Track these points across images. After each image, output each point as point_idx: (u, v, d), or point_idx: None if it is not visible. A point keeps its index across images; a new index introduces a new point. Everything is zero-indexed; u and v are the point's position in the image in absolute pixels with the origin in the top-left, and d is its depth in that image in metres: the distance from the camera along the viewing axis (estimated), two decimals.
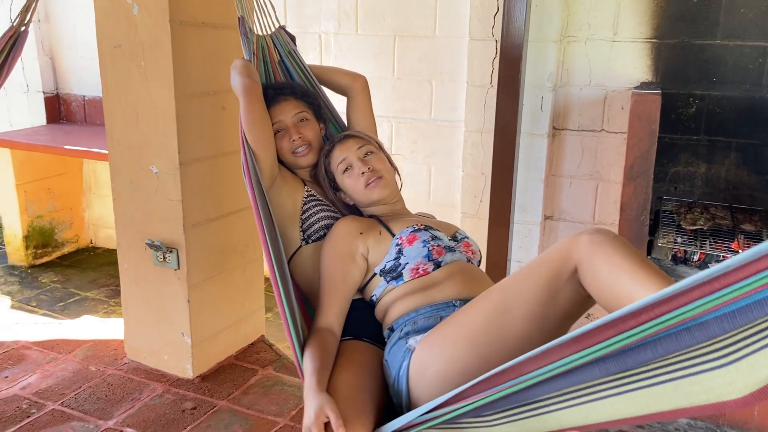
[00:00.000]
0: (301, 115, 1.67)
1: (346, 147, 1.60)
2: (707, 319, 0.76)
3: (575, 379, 0.89)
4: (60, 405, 2.13)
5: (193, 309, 2.22)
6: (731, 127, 2.35)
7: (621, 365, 0.85)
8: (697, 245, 2.20)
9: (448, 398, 1.03)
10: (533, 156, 2.57)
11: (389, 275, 1.45)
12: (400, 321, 1.39)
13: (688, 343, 0.79)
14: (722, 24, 2.29)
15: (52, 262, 3.44)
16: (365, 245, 1.48)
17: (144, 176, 2.16)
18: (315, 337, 1.37)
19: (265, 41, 1.77)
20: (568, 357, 0.87)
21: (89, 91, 3.45)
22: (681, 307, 0.76)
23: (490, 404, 0.99)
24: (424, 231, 1.49)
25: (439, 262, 1.44)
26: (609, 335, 0.82)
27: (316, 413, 1.17)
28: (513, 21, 2.29)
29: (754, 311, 0.72)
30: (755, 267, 0.69)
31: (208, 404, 2.14)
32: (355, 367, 1.36)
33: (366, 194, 1.57)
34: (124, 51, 2.08)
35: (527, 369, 0.92)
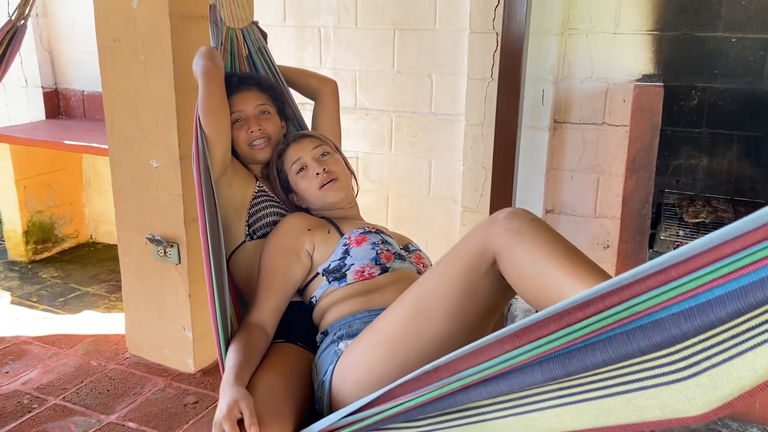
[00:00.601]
0: (263, 107, 1.60)
1: (301, 147, 1.53)
2: (662, 316, 0.66)
3: (516, 383, 0.80)
4: (61, 400, 2.13)
5: (194, 303, 2.22)
6: (733, 119, 2.34)
7: (565, 368, 0.75)
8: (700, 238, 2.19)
9: (376, 397, 0.95)
10: (534, 149, 2.56)
11: (332, 275, 1.37)
12: (336, 325, 1.32)
13: (642, 345, 0.68)
14: (724, 16, 2.28)
15: (53, 257, 3.44)
16: (312, 242, 1.41)
17: (144, 170, 2.16)
18: (244, 332, 1.30)
19: (235, 34, 1.71)
20: (508, 353, 0.78)
21: (88, 85, 3.43)
22: (633, 298, 0.67)
23: (422, 407, 0.89)
24: (374, 234, 1.43)
25: (387, 267, 1.37)
26: (553, 329, 0.73)
27: (228, 407, 1.08)
28: (514, 13, 2.28)
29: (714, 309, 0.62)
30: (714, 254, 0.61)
31: (209, 398, 2.14)
32: (282, 369, 1.28)
33: (320, 196, 1.50)
34: (123, 45, 2.08)
35: (463, 366, 0.83)
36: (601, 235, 2.60)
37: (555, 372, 0.76)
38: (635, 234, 2.16)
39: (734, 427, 2.02)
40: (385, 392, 0.93)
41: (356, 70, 2.84)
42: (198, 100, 1.47)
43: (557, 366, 0.75)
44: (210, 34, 1.63)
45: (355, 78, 2.85)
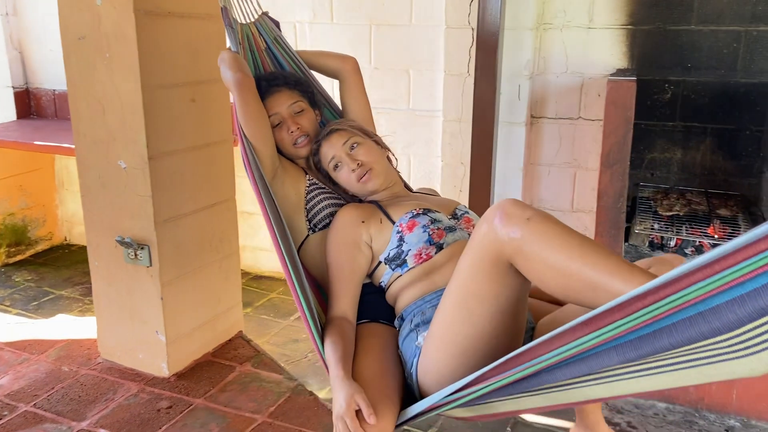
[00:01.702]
0: (297, 105, 1.65)
1: (331, 144, 1.59)
2: (718, 303, 0.76)
3: (595, 366, 0.91)
4: (32, 407, 2.09)
5: (166, 306, 2.18)
6: (706, 112, 2.34)
7: (638, 351, 0.86)
8: (674, 231, 2.20)
9: (470, 381, 1.06)
10: (511, 145, 2.55)
11: (394, 263, 1.46)
12: (409, 310, 1.42)
13: (704, 330, 0.79)
14: (697, 9, 2.28)
15: (26, 260, 3.37)
16: (368, 233, 1.50)
17: (112, 171, 2.11)
18: (332, 327, 1.40)
19: (249, 29, 1.73)
20: (580, 338, 0.88)
21: (60, 85, 3.37)
22: (683, 289, 0.77)
23: (512, 385, 1.02)
24: (422, 215, 1.49)
25: (441, 244, 1.45)
26: (618, 317, 0.84)
27: (347, 402, 1.20)
28: (489, 9, 2.26)
29: (762, 297, 0.72)
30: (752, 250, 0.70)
31: (184, 403, 2.11)
32: (375, 351, 1.39)
33: (360, 188, 1.58)
34: (88, 43, 2.03)
35: (542, 351, 0.93)
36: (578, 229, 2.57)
37: (629, 355, 0.87)
38: (611, 228, 2.16)
39: (711, 419, 2.02)
40: (478, 376, 1.05)
41: None
42: (237, 111, 1.52)
43: (630, 350, 0.86)
44: (227, 38, 1.64)
45: None
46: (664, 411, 2.06)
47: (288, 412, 2.06)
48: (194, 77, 2.16)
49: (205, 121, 2.23)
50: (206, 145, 2.25)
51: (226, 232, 2.40)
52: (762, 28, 2.22)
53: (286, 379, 2.25)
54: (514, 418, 2.02)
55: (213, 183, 2.32)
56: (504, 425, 1.99)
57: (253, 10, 1.75)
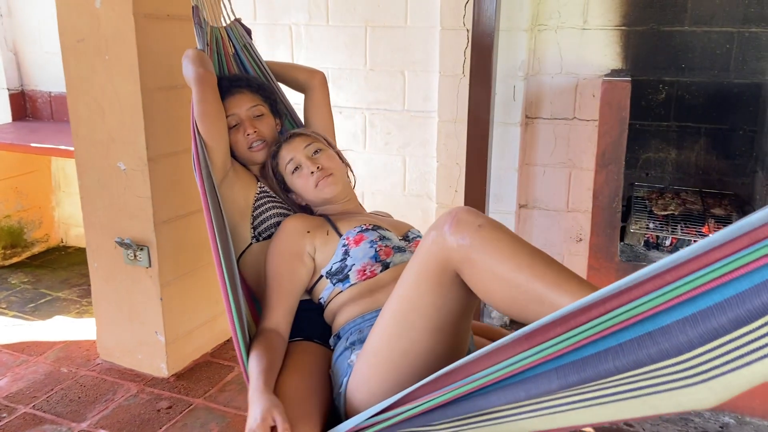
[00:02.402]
0: (257, 109, 1.61)
1: (292, 147, 1.54)
2: (668, 323, 0.70)
3: (533, 391, 0.83)
4: (32, 408, 2.09)
5: (165, 307, 2.19)
6: (700, 112, 2.37)
7: (580, 375, 0.78)
8: (669, 230, 2.22)
9: (398, 399, 0.98)
10: (507, 145, 2.57)
11: (335, 277, 1.40)
12: (346, 328, 1.35)
13: (652, 352, 0.72)
14: (690, 10, 2.30)
15: (22, 262, 3.37)
16: (312, 244, 1.43)
17: (111, 173, 2.12)
18: (262, 338, 1.32)
19: (219, 33, 1.71)
20: (519, 354, 0.82)
21: (55, 86, 3.37)
22: (633, 301, 0.71)
23: (441, 409, 0.93)
24: (372, 231, 1.43)
25: (387, 263, 1.39)
26: (560, 332, 0.77)
27: (262, 415, 1.11)
28: (483, 10, 2.28)
29: (715, 317, 0.66)
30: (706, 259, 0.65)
31: (183, 403, 2.12)
32: (304, 369, 1.32)
33: (317, 193, 1.52)
34: (87, 45, 2.03)
35: (476, 369, 0.87)
36: (574, 229, 2.62)
37: (570, 378, 0.79)
38: (606, 227, 2.18)
39: (707, 416, 2.05)
40: (406, 394, 0.96)
41: (329, 68, 2.82)
42: (193, 107, 1.47)
43: (572, 372, 0.78)
44: (195, 36, 1.62)
45: (327, 76, 2.81)
46: None
47: None
48: None
49: None
50: None
51: None
52: (754, 30, 2.25)
53: None
54: None
55: None
56: None
57: (225, 15, 1.74)
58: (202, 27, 1.62)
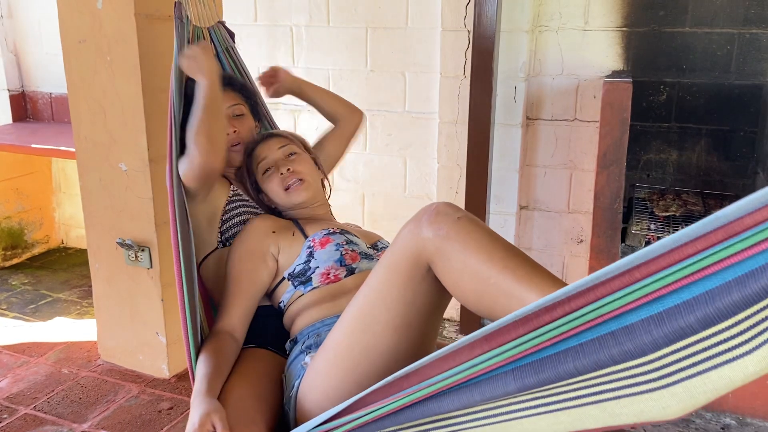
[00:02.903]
0: (238, 108, 1.57)
1: (267, 146, 1.51)
2: (633, 322, 0.66)
3: (489, 393, 0.78)
4: (32, 409, 2.09)
5: (167, 308, 2.19)
6: (701, 113, 2.37)
7: (538, 376, 0.74)
8: (670, 231, 2.22)
9: (348, 405, 0.93)
10: (507, 146, 2.57)
11: (298, 279, 1.35)
12: (304, 332, 1.30)
13: (614, 352, 0.68)
14: (691, 12, 2.31)
15: (23, 263, 3.36)
16: (276, 245, 1.38)
17: (113, 174, 2.12)
18: (213, 340, 1.27)
19: (201, 33, 1.68)
20: (478, 357, 0.77)
21: (56, 87, 3.37)
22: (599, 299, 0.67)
23: (394, 415, 0.88)
24: (339, 234, 1.39)
25: (352, 268, 1.34)
26: (521, 332, 0.73)
27: (201, 420, 1.07)
28: (485, 11, 2.28)
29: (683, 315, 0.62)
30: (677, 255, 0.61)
31: (185, 404, 2.12)
32: (253, 376, 1.27)
33: (286, 198, 1.48)
34: (88, 46, 2.04)
35: (434, 371, 0.82)
36: (575, 230, 2.63)
37: (528, 380, 0.75)
38: (607, 228, 2.18)
39: (708, 417, 2.05)
40: (357, 400, 0.92)
41: (329, 70, 2.82)
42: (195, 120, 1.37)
43: (530, 374, 0.74)
44: (174, 31, 1.58)
45: (328, 77, 2.83)
46: None
47: None
48: None
49: None
50: None
51: None
52: (755, 31, 2.26)
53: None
54: None
55: None
56: None
57: (209, 16, 1.70)
58: (183, 22, 1.59)
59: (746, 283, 0.57)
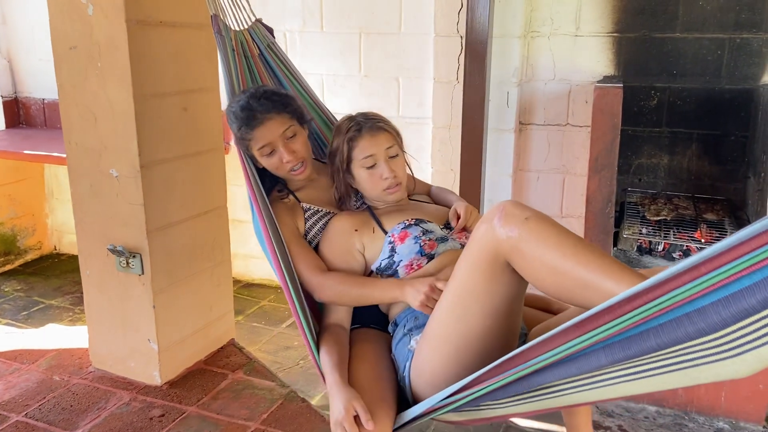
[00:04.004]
0: (289, 131, 1.58)
1: (376, 142, 1.50)
2: (704, 305, 0.79)
3: (585, 367, 0.94)
4: (24, 416, 2.08)
5: (158, 314, 2.18)
6: (692, 118, 2.38)
7: (626, 352, 0.88)
8: (662, 235, 2.23)
9: (465, 384, 1.09)
10: (501, 151, 2.58)
11: (385, 273, 1.47)
12: (402, 315, 1.43)
13: (690, 331, 0.82)
14: (681, 17, 2.32)
15: (15, 270, 3.35)
16: (361, 242, 1.50)
17: (104, 180, 2.11)
18: (327, 334, 1.43)
19: (243, 36, 1.75)
20: (571, 341, 0.91)
21: (49, 94, 3.36)
22: (671, 291, 0.80)
23: (504, 388, 1.05)
24: (414, 226, 1.48)
25: (432, 255, 1.45)
26: (608, 320, 0.87)
27: (345, 408, 1.22)
28: (477, 17, 2.29)
29: (746, 298, 0.75)
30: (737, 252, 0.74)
31: (176, 411, 2.11)
32: (369, 357, 1.41)
33: (382, 196, 1.54)
34: (79, 52, 2.03)
35: (534, 354, 0.97)
36: None
37: (617, 355, 0.89)
38: (599, 233, 2.18)
39: (701, 421, 2.05)
40: (473, 379, 1.07)
41: (323, 75, 2.83)
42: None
43: (619, 351, 0.89)
44: (217, 46, 1.66)
45: (322, 82, 2.83)
46: (654, 414, 2.08)
47: (281, 419, 2.06)
48: (186, 86, 2.17)
49: (196, 130, 2.24)
50: (198, 154, 2.26)
51: (218, 239, 2.41)
52: (745, 36, 2.27)
53: (279, 386, 2.25)
54: (506, 422, 2.03)
55: (205, 191, 2.32)
56: (496, 429, 2.01)
57: (246, 17, 1.77)
58: (223, 35, 1.65)
59: None
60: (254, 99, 1.56)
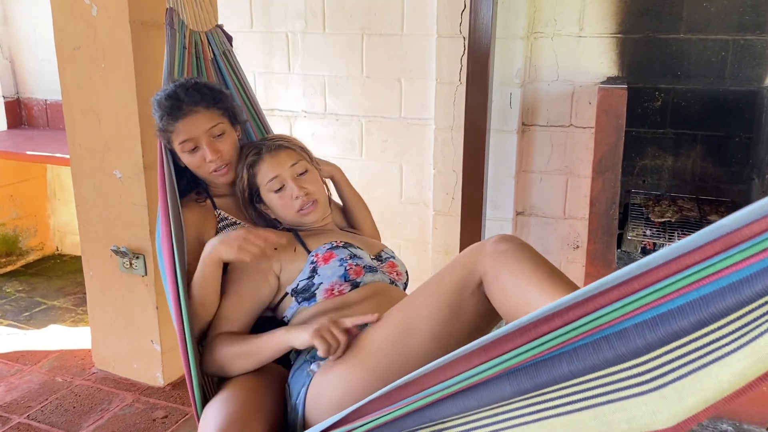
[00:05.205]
0: (217, 128, 1.44)
1: (278, 162, 1.42)
2: (627, 326, 0.68)
3: (485, 397, 0.81)
4: (26, 418, 2.07)
5: (162, 315, 2.18)
6: (696, 119, 2.38)
7: (533, 380, 0.76)
8: (666, 237, 2.22)
9: (345, 415, 0.95)
10: (503, 152, 2.57)
11: (301, 296, 1.33)
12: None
13: (608, 356, 0.70)
14: (685, 18, 2.31)
15: (17, 270, 3.35)
16: (279, 262, 1.36)
17: (108, 181, 2.11)
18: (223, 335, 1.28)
19: (199, 37, 1.67)
20: (476, 368, 0.78)
21: (51, 94, 3.36)
22: (598, 310, 0.68)
23: (391, 423, 0.90)
24: (342, 248, 1.37)
25: (357, 282, 1.33)
26: (519, 343, 0.74)
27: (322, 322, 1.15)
28: (480, 18, 2.29)
29: (677, 320, 0.64)
30: (675, 266, 0.63)
31: (179, 412, 2.10)
32: (253, 387, 1.25)
33: (298, 218, 1.43)
34: (83, 53, 2.03)
35: (431, 382, 0.83)
36: (571, 236, 2.62)
37: (523, 384, 0.77)
38: (603, 234, 2.18)
39: (704, 424, 2.04)
40: (355, 410, 0.93)
41: (325, 76, 2.82)
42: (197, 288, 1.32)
43: (525, 378, 0.77)
44: (165, 41, 1.57)
45: (324, 83, 2.83)
46: None
47: None
48: None
49: None
50: None
51: None
52: (749, 37, 2.26)
53: None
54: None
55: None
56: None
57: (207, 20, 1.69)
58: (174, 29, 1.56)
59: (741, 289, 0.60)
60: (182, 89, 1.43)
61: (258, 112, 1.79)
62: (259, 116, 1.79)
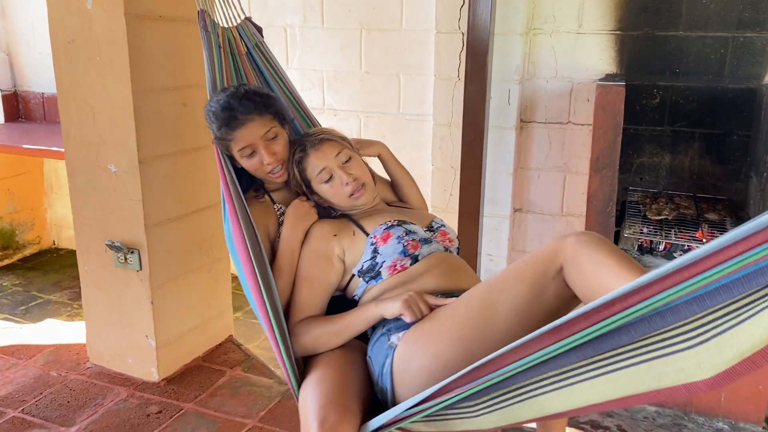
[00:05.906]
0: (270, 132, 1.54)
1: (323, 155, 1.53)
2: (677, 304, 0.81)
3: (553, 365, 0.94)
4: (20, 412, 2.07)
5: (156, 310, 2.17)
6: (694, 117, 2.37)
7: (596, 349, 0.90)
8: (663, 235, 2.21)
9: (432, 392, 1.07)
10: (501, 149, 2.56)
11: (367, 275, 1.45)
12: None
13: (659, 325, 0.84)
14: (684, 15, 2.30)
15: (13, 264, 3.34)
16: (341, 247, 1.47)
17: (102, 175, 2.10)
18: (308, 319, 1.41)
19: (231, 33, 1.73)
20: (546, 348, 0.92)
21: (48, 88, 3.35)
22: (653, 296, 0.80)
23: (472, 395, 1.04)
24: (397, 227, 1.48)
25: (416, 256, 1.44)
26: (584, 326, 0.87)
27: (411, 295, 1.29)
28: (479, 14, 2.27)
29: (722, 294, 0.77)
30: (723, 255, 0.74)
31: (174, 407, 2.10)
32: (339, 364, 1.36)
33: (350, 202, 1.54)
34: (78, 46, 2.02)
35: (507, 361, 0.96)
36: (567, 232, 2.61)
37: (587, 353, 0.91)
38: (600, 231, 2.17)
39: (700, 422, 2.04)
40: (443, 386, 1.06)
41: (324, 71, 2.81)
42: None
43: (589, 349, 0.91)
44: (202, 42, 1.63)
45: (322, 78, 2.82)
46: (653, 414, 2.08)
47: (278, 417, 2.05)
48: (185, 81, 2.16)
49: (195, 125, 2.22)
50: (197, 149, 2.25)
51: (217, 236, 2.40)
52: (748, 34, 2.25)
53: (277, 384, 2.24)
54: None
55: (203, 187, 2.31)
56: None
57: (235, 15, 1.74)
58: (208, 30, 1.63)
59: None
60: (235, 99, 1.52)
61: (298, 101, 1.84)
62: (301, 106, 1.84)
